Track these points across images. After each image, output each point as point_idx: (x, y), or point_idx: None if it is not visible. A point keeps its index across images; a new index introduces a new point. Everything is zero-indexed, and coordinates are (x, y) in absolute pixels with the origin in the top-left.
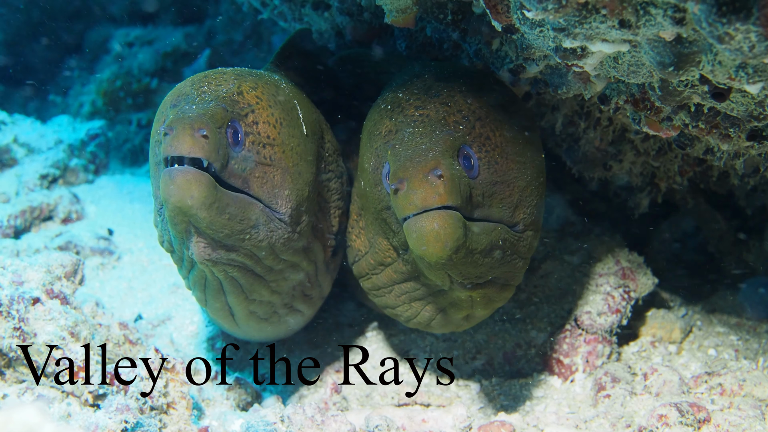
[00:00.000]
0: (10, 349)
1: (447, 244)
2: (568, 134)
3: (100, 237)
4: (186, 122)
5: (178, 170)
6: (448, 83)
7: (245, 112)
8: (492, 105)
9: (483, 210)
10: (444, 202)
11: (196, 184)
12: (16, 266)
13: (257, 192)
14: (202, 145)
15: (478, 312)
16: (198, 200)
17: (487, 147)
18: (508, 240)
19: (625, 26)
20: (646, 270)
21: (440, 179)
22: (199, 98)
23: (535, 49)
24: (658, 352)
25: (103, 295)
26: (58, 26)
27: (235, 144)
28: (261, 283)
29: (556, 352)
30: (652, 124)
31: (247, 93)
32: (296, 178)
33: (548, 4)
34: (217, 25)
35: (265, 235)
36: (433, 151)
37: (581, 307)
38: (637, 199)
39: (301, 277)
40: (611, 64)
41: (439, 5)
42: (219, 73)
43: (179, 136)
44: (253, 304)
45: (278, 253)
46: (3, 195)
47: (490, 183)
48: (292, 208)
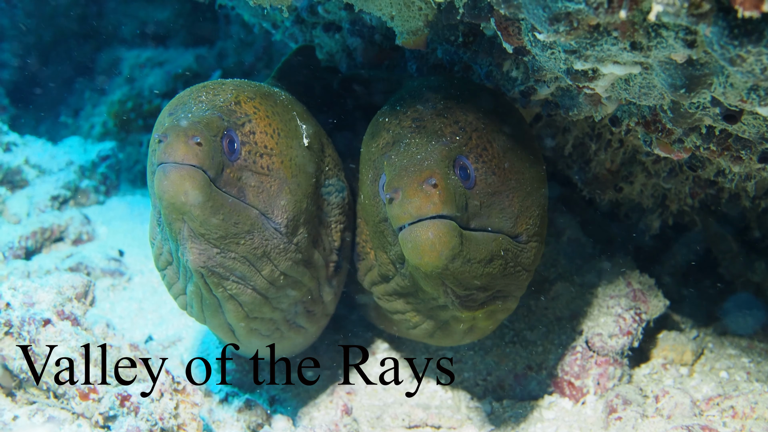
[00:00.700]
0: (21, 370)
1: (442, 253)
2: (578, 156)
3: (111, 258)
4: (180, 130)
5: (172, 166)
6: (446, 95)
7: (242, 122)
8: (489, 116)
9: (481, 220)
10: (439, 211)
11: (190, 180)
12: (27, 287)
13: (252, 201)
14: (195, 153)
15: (481, 324)
16: (192, 197)
17: (484, 158)
18: (511, 251)
19: (637, 48)
20: (657, 292)
21: (435, 188)
22: (196, 107)
23: (546, 71)
24: (670, 375)
25: (114, 316)
26: (69, 48)
27: (230, 153)
28: (261, 300)
29: (567, 374)
30: (663, 146)
31: (245, 103)
32: (294, 189)
33: (560, 26)
34: (227, 47)
35: (260, 242)
36: (428, 160)
37: (592, 329)
38: (648, 221)
39: (303, 294)
40: (622, 86)
41: (451, 27)
42: (218, 83)
43: (173, 143)
44: (254, 322)
45: (276, 263)
46: (14, 216)
47: (488, 193)
48: (288, 218)
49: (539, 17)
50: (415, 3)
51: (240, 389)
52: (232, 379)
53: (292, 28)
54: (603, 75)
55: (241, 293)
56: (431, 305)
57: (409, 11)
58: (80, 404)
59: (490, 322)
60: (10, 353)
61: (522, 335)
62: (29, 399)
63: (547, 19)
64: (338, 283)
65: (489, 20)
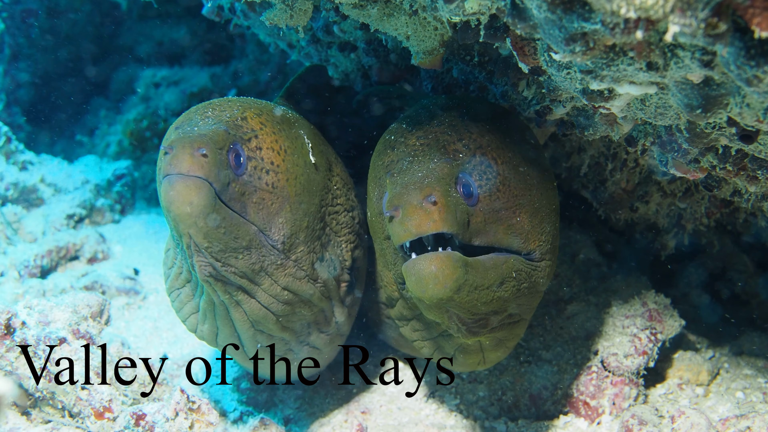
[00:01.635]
0: (36, 389)
1: (446, 285)
2: (594, 175)
3: (126, 277)
4: (186, 141)
5: (178, 176)
6: (452, 113)
7: (248, 137)
8: (496, 133)
9: (487, 237)
10: (438, 229)
11: (196, 190)
12: (43, 306)
13: (253, 217)
14: (201, 164)
15: (490, 355)
16: (197, 207)
17: (488, 174)
18: (524, 270)
19: (653, 69)
20: (673, 312)
21: (434, 205)
22: (202, 121)
23: (562, 90)
24: (686, 395)
25: (129, 335)
26: (85, 67)
27: (237, 167)
28: (268, 314)
29: (582, 394)
30: (679, 166)
31: (251, 118)
32: (295, 207)
33: (576, 46)
34: (243, 66)
35: (257, 258)
36: (429, 178)
37: (608, 349)
38: (663, 241)
39: (314, 313)
40: (638, 106)
41: (466, 47)
42: (225, 100)
43: (179, 155)
44: (261, 336)
45: (274, 278)
46: (30, 234)
47: (493, 210)
48: (285, 236)
49: (555, 37)
50: (430, 23)
51: (255, 408)
52: (247, 399)
53: (307, 48)
54: (619, 95)
55: (245, 301)
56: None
57: (425, 31)
58: (95, 423)
59: (500, 352)
60: (26, 372)
61: (537, 355)
62: (44, 418)
63: (563, 40)
64: (352, 303)
65: (505, 40)
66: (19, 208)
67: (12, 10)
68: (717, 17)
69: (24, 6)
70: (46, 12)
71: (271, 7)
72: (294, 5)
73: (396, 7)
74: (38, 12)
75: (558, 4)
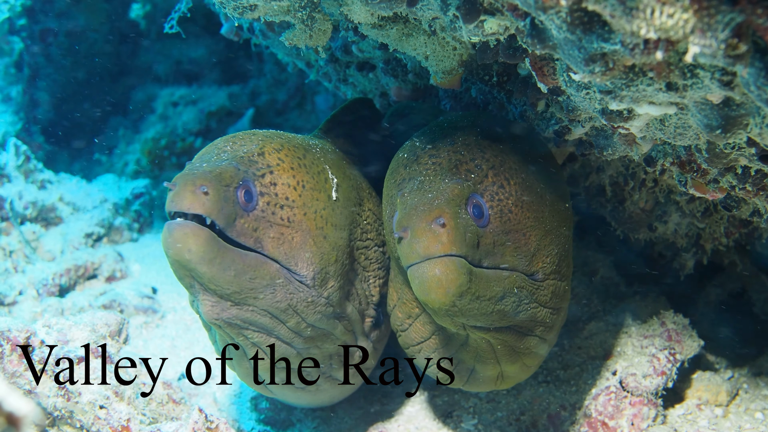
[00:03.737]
0: (55, 408)
1: (449, 290)
2: (613, 195)
3: (144, 296)
4: (189, 178)
5: (176, 223)
6: (466, 132)
7: (262, 173)
8: (510, 152)
9: (495, 258)
10: (447, 251)
11: (193, 237)
12: (62, 325)
13: (272, 252)
14: (202, 202)
15: (507, 368)
16: (196, 254)
17: (500, 196)
18: (525, 288)
19: (672, 89)
20: (692, 332)
21: (443, 228)
22: (216, 157)
23: (581, 110)
24: (704, 415)
25: (147, 353)
26: (103, 86)
27: (246, 203)
28: (289, 349)
29: (601, 415)
30: (698, 186)
31: (269, 154)
32: (320, 241)
33: (595, 66)
34: (261, 85)
35: (283, 296)
36: (439, 200)
37: (626, 369)
38: (682, 260)
39: (336, 347)
40: (657, 126)
41: (485, 67)
42: (250, 134)
43: (180, 192)
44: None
45: (303, 316)
46: (48, 253)
47: (503, 232)
48: (315, 270)
49: (575, 58)
50: (449, 43)
51: (273, 428)
52: (265, 418)
53: (326, 67)
54: (638, 115)
55: (264, 342)
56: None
57: (444, 51)
58: None
59: (516, 366)
60: (44, 391)
61: (555, 375)
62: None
63: (582, 60)
64: (378, 338)
65: (524, 60)
66: (37, 227)
67: (31, 30)
68: (737, 38)
69: (43, 26)
70: (65, 32)
71: (290, 28)
72: (313, 26)
73: (415, 27)
74: (57, 32)
75: (577, 25)
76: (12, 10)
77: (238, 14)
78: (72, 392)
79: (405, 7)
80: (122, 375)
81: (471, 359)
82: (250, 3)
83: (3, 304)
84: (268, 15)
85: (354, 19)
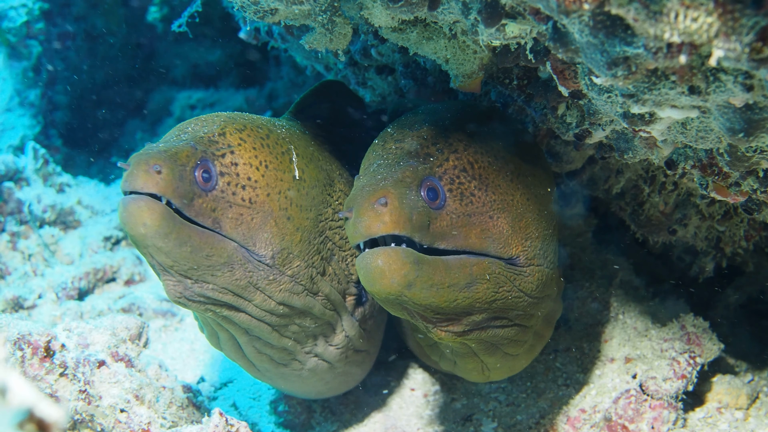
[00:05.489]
0: (76, 411)
1: (393, 280)
2: (632, 198)
3: (163, 299)
4: (142, 158)
5: (130, 197)
6: (437, 117)
7: (222, 152)
8: (479, 138)
9: (455, 240)
10: (388, 231)
11: (148, 211)
12: (82, 329)
13: (230, 232)
14: (156, 181)
15: (487, 360)
16: (152, 228)
17: (461, 179)
18: (502, 275)
19: (695, 92)
20: (712, 335)
21: (385, 207)
22: (176, 137)
23: (602, 114)
24: (725, 419)
25: (166, 357)
26: (121, 89)
27: (205, 182)
28: (261, 324)
29: (621, 418)
30: (719, 190)
31: (230, 134)
32: (282, 222)
33: (618, 70)
34: (278, 88)
35: (242, 274)
36: (386, 181)
37: (646, 373)
38: (701, 263)
39: (318, 324)
40: (679, 129)
41: (505, 70)
42: (213, 115)
43: (134, 171)
44: (258, 342)
45: (268, 293)
46: (67, 257)
47: (464, 214)
48: (274, 251)
49: (597, 61)
50: (470, 46)
51: (292, 431)
52: (284, 421)
53: (344, 71)
54: (660, 119)
55: (233, 316)
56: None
57: (464, 54)
58: None
59: (497, 358)
60: (65, 394)
61: (575, 378)
62: None
63: (605, 64)
64: (364, 316)
65: (545, 64)
66: (56, 230)
67: (49, 33)
68: (762, 42)
69: (61, 29)
70: (84, 35)
71: (310, 31)
72: (333, 29)
73: (435, 30)
74: (75, 35)
75: (600, 29)
76: (30, 14)
77: (258, 18)
78: (93, 396)
79: (426, 11)
80: (142, 379)
81: (449, 353)
82: (271, 7)
83: (23, 307)
84: (288, 19)
85: (374, 22)
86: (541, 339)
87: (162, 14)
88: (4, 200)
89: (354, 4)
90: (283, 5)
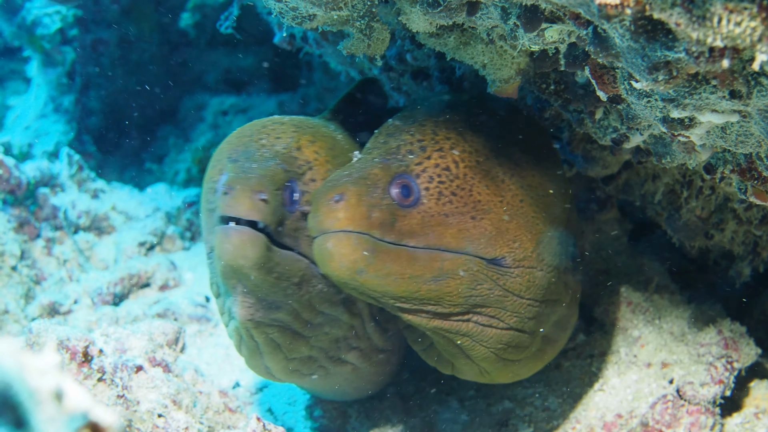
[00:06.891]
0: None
1: (342, 263)
2: (668, 203)
3: (198, 304)
4: (246, 184)
5: (234, 229)
6: (432, 112)
7: (303, 171)
8: (474, 135)
9: (426, 239)
10: (342, 227)
11: (251, 245)
12: (119, 334)
13: (306, 250)
14: (260, 209)
15: (483, 365)
16: (251, 260)
17: (442, 178)
18: (481, 272)
19: (736, 97)
20: (749, 340)
21: (338, 203)
22: (259, 154)
23: (641, 119)
24: (762, 424)
25: (201, 362)
26: (154, 95)
27: (290, 204)
28: (299, 339)
29: (658, 423)
30: (759, 194)
31: (306, 148)
32: None
33: (659, 75)
34: (310, 93)
35: (306, 290)
36: (348, 177)
37: (683, 378)
38: (738, 268)
39: (344, 330)
40: (719, 134)
41: (542, 75)
42: (277, 123)
43: (238, 198)
44: (292, 363)
45: (316, 305)
46: (102, 262)
47: (440, 214)
48: None
49: (638, 66)
50: (507, 51)
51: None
52: (320, 426)
53: (380, 76)
54: (700, 123)
55: (280, 337)
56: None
57: (502, 59)
58: None
59: (490, 362)
60: (103, 400)
61: (611, 383)
62: None
63: (645, 68)
64: (385, 320)
65: (583, 68)
66: (91, 236)
67: (83, 40)
68: None
69: (95, 35)
70: (117, 41)
71: (347, 37)
72: (372, 35)
73: (473, 36)
74: (109, 41)
75: (641, 33)
76: (64, 21)
77: (297, 24)
78: (130, 401)
79: (464, 16)
80: (179, 384)
81: (443, 350)
82: (309, 13)
83: (59, 312)
84: (326, 25)
85: (412, 28)
86: (553, 344)
87: (194, 20)
88: (40, 206)
89: (391, 9)
90: (321, 11)
